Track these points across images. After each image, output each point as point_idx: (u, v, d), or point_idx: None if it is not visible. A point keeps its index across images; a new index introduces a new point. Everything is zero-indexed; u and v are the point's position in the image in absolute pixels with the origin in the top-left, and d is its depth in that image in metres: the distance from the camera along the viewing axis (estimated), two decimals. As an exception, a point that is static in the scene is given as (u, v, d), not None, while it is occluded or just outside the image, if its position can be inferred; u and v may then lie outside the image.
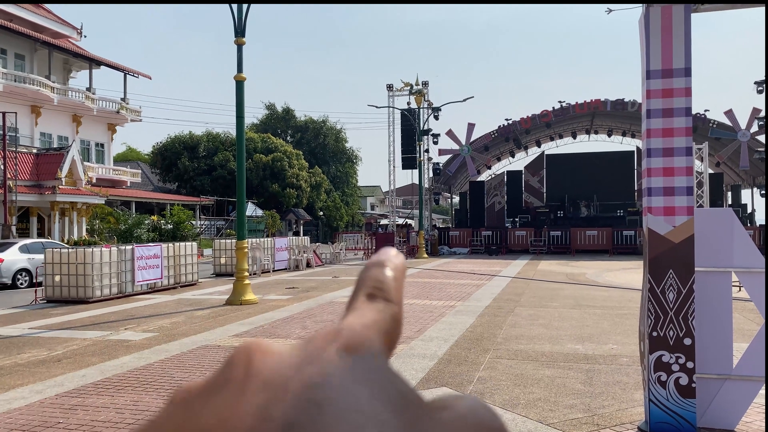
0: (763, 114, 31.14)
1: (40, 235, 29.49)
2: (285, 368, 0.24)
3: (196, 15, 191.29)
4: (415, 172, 34.84)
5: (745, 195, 37.86)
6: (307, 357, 0.25)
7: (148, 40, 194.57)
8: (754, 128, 31.41)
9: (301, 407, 0.22)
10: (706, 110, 32.45)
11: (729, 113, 31.64)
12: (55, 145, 34.52)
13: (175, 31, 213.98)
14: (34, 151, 30.84)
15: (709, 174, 29.37)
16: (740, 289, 6.97)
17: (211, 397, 0.23)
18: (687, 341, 4.91)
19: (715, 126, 32.13)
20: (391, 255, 0.33)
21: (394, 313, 0.29)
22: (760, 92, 31.39)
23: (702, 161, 25.00)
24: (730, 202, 37.67)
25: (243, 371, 0.24)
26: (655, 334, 4.97)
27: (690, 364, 4.89)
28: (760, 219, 37.28)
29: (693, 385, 4.88)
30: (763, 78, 30.96)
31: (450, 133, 35.51)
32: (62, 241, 27.68)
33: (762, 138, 31.64)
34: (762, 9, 5.52)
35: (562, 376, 6.73)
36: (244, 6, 13.47)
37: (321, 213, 54.83)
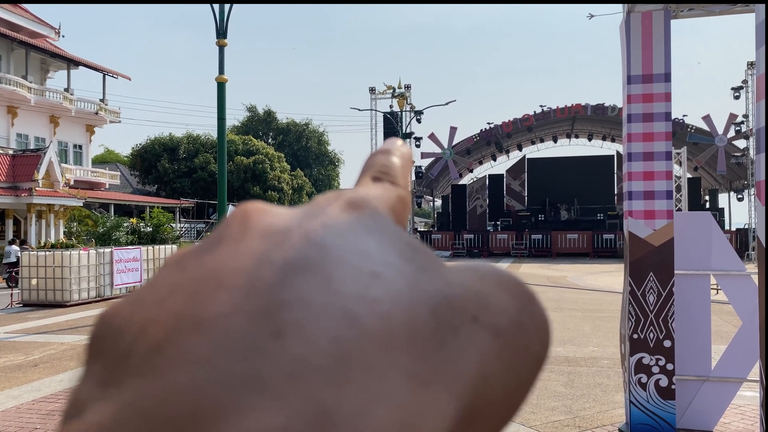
0: (740, 119, 31.70)
1: (16, 237, 29.02)
2: (285, 221, 0.23)
3: (177, 15, 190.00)
4: (398, 175, 34.83)
5: (722, 199, 38.46)
6: (308, 212, 0.24)
7: (127, 41, 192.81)
8: (731, 133, 31.96)
9: (302, 251, 0.21)
10: (684, 115, 33.01)
11: (707, 118, 32.16)
12: (32, 146, 34.00)
13: (155, 32, 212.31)
14: (10, 152, 30.34)
15: (688, 178, 29.80)
16: (718, 292, 7.07)
17: (205, 253, 0.22)
18: (667, 343, 4.96)
19: (692, 131, 32.65)
20: (398, 144, 0.32)
21: (400, 193, 0.28)
22: (737, 98, 31.97)
23: (680, 165, 25.37)
24: (707, 206, 38.25)
25: (239, 227, 0.23)
26: (635, 336, 5.02)
27: (670, 366, 4.94)
28: (736, 223, 37.93)
29: (673, 386, 4.93)
30: (740, 84, 31.53)
31: (432, 137, 35.64)
32: (39, 244, 27.26)
33: (739, 143, 32.21)
34: (737, 16, 5.62)
35: (543, 378, 6.77)
36: (226, 7, 13.39)
37: (303, 216, 54.61)
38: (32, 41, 35.65)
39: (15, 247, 18.99)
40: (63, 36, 40.16)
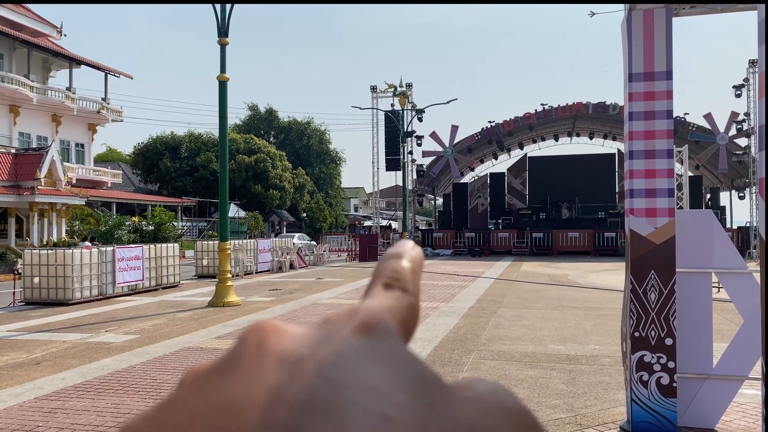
0: (741, 117, 31.63)
1: (19, 236, 29.05)
2: (299, 347, 0.23)
3: (179, 14, 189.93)
4: (399, 173, 34.91)
5: (724, 197, 38.41)
6: (322, 337, 0.24)
7: (129, 40, 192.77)
8: (733, 131, 31.90)
9: (315, 387, 0.21)
10: (685, 113, 32.93)
11: (708, 116, 32.11)
12: (34, 145, 34.02)
13: (157, 31, 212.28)
14: (13, 151, 30.36)
15: (689, 176, 29.75)
16: (719, 290, 7.07)
17: (223, 377, 0.23)
18: (668, 341, 4.96)
19: (694, 129, 32.60)
20: (409, 247, 0.32)
21: (410, 302, 0.29)
22: (738, 96, 31.90)
23: (682, 164, 25.34)
24: (709, 204, 38.18)
25: (255, 350, 0.24)
26: (637, 334, 5.02)
27: (671, 364, 4.95)
28: (738, 222, 37.88)
29: (674, 384, 4.93)
30: (741, 82, 31.46)
31: (434, 135, 35.62)
32: (41, 242, 27.29)
33: (740, 141, 32.15)
34: (739, 15, 5.61)
35: (545, 376, 6.78)
36: (228, 6, 13.40)
37: (304, 214, 54.66)
38: (34, 40, 35.66)
39: (87, 243, 20.20)
40: (65, 35, 40.17)
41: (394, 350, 0.24)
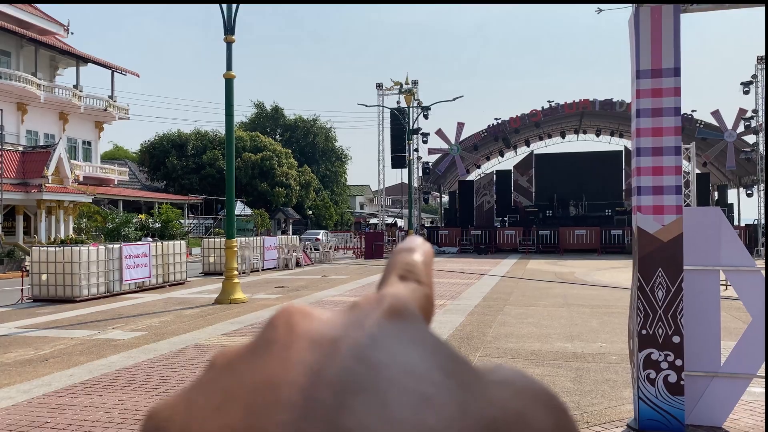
0: (749, 114, 31.43)
1: (26, 233, 29.21)
2: (331, 330, 0.24)
3: (185, 12, 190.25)
4: (405, 171, 34.89)
5: (732, 195, 38.21)
6: (352, 320, 0.24)
7: (136, 38, 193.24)
8: (741, 129, 31.70)
9: (353, 368, 0.21)
10: (693, 110, 32.75)
11: (716, 114, 31.92)
12: (42, 143, 34.18)
13: (163, 29, 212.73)
14: (20, 148, 30.52)
15: (696, 174, 29.62)
16: (727, 288, 7.04)
17: (256, 358, 0.23)
18: (676, 339, 4.94)
19: (702, 126, 32.40)
20: (419, 242, 0.33)
21: (426, 292, 0.30)
22: (746, 93, 31.69)
23: (689, 161, 25.21)
24: (716, 201, 38.01)
25: (286, 332, 0.24)
26: (644, 332, 5.01)
27: (679, 362, 4.93)
28: (745, 219, 37.66)
29: (681, 382, 4.92)
30: (750, 79, 31.26)
31: (439, 133, 35.56)
32: (48, 240, 27.44)
33: (749, 138, 31.95)
34: (747, 10, 5.59)
35: (551, 374, 6.76)
36: (234, 4, 13.40)
37: (310, 212, 54.73)
38: (42, 38, 35.82)
39: (150, 239, 22.13)
40: (72, 33, 40.35)
41: (424, 333, 0.25)
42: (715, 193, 38.18)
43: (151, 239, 21.12)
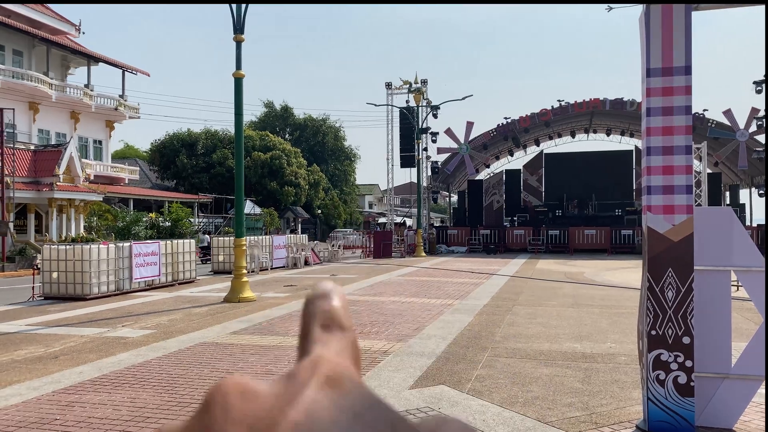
0: (762, 113, 31.14)
1: (38, 232, 29.43)
2: (268, 411, 0.23)
3: (195, 12, 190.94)
4: (414, 170, 34.83)
5: (743, 195, 37.87)
6: (289, 396, 0.24)
7: (146, 37, 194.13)
8: (753, 128, 31.41)
9: None
10: (704, 110, 32.45)
11: (728, 113, 31.65)
12: (53, 142, 34.43)
13: (174, 28, 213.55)
14: (32, 147, 30.76)
15: (708, 174, 29.35)
16: (738, 289, 6.97)
17: None
18: (686, 340, 4.90)
19: (713, 125, 32.13)
20: (330, 286, 0.34)
21: (352, 339, 0.30)
22: (758, 92, 31.40)
23: (700, 161, 25.01)
24: (728, 201, 37.70)
25: (221, 417, 0.23)
26: (653, 332, 4.96)
27: (689, 363, 4.88)
28: (757, 219, 37.32)
29: (692, 383, 4.87)
30: (762, 78, 30.96)
31: (449, 132, 35.48)
32: (59, 238, 27.63)
33: (761, 138, 31.65)
34: (760, 8, 5.51)
35: (560, 374, 6.73)
36: (243, 4, 13.43)
37: (319, 211, 54.79)
38: (53, 38, 36.07)
39: (207, 236, 24.46)
40: (83, 33, 40.63)
41: (362, 400, 0.25)
42: (727, 193, 37.86)
43: (208, 237, 22.72)
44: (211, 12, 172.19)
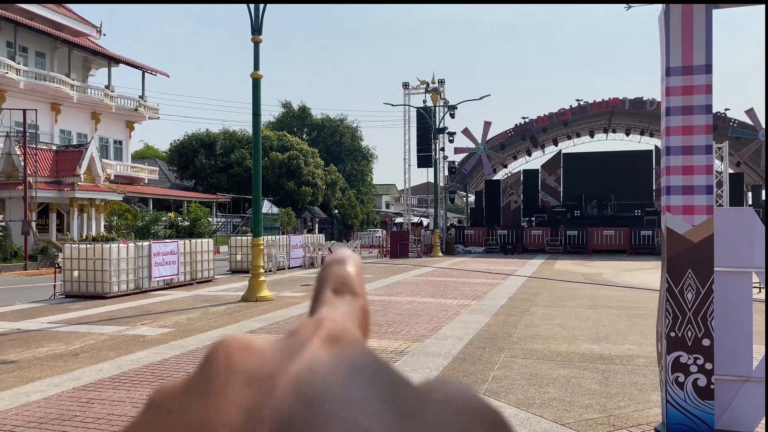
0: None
1: (59, 231, 29.86)
2: (269, 364, 0.23)
3: (213, 13, 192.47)
4: (431, 170, 34.78)
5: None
6: (290, 351, 0.24)
7: (166, 38, 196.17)
8: (776, 127, 30.89)
9: (291, 405, 0.21)
10: (726, 109, 31.99)
11: (750, 112, 31.16)
12: (75, 142, 34.92)
13: (193, 29, 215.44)
14: (54, 148, 31.21)
15: (729, 174, 28.95)
16: (760, 290, 6.86)
17: (191, 398, 0.22)
18: (705, 342, 4.83)
19: (735, 125, 31.66)
20: (348, 253, 0.34)
21: (362, 305, 0.30)
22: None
23: (722, 161, 24.67)
24: (750, 202, 37.12)
25: (224, 368, 0.23)
26: (672, 334, 4.91)
27: (708, 366, 4.82)
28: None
29: (711, 386, 4.81)
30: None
31: (466, 132, 35.37)
32: (80, 237, 28.01)
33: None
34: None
35: (577, 376, 6.68)
36: (261, 5, 13.50)
37: (336, 211, 54.93)
38: (75, 40, 36.59)
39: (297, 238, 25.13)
40: (104, 34, 41.10)
41: (363, 358, 0.25)
42: (749, 194, 37.29)
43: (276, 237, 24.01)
44: (229, 13, 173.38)
